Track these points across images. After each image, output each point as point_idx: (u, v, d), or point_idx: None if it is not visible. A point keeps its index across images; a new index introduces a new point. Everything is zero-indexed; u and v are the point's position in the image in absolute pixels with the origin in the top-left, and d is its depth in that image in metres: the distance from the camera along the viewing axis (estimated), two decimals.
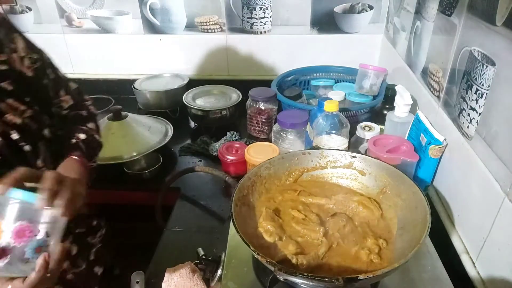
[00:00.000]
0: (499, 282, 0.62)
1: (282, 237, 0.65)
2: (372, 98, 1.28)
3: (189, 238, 0.90)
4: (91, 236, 0.85)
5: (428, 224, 0.58)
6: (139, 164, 1.17)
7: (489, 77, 0.66)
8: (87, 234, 0.84)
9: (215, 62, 1.56)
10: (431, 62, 0.95)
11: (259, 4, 1.41)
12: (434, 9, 0.93)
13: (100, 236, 0.88)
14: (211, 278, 0.70)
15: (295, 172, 0.80)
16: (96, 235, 0.86)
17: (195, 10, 1.46)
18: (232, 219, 0.61)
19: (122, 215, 1.29)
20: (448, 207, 0.82)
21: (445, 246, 0.76)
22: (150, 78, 1.54)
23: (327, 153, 0.80)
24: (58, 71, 0.79)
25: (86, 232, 0.84)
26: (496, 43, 0.64)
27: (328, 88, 1.42)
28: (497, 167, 0.62)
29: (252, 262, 0.68)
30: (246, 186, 0.72)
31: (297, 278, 0.53)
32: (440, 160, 0.86)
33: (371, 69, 1.26)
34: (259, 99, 1.22)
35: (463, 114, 0.75)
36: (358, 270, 0.60)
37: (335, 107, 0.92)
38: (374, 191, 0.76)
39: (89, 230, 0.85)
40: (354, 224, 0.69)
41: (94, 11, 1.50)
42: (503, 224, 0.61)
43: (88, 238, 0.84)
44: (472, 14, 0.73)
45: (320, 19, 1.43)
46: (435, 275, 0.65)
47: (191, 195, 1.04)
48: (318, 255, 0.62)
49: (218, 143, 1.22)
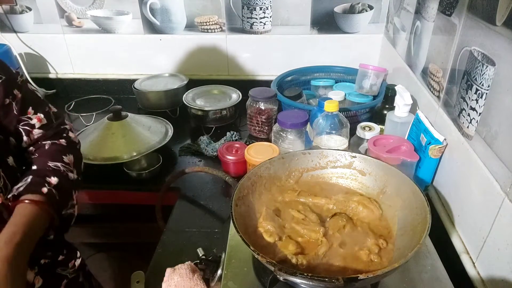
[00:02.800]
0: (499, 282, 0.62)
1: (282, 237, 0.65)
2: (372, 98, 1.28)
3: (189, 238, 0.90)
4: (62, 267, 0.76)
5: (428, 224, 0.58)
6: (139, 164, 1.17)
7: (489, 77, 0.66)
8: (56, 265, 0.75)
9: (215, 62, 1.56)
10: (431, 62, 0.95)
11: (259, 4, 1.41)
12: (434, 9, 0.93)
13: (73, 267, 0.79)
14: (211, 278, 0.70)
15: (295, 172, 0.80)
16: (68, 266, 0.78)
17: (195, 10, 1.46)
18: (232, 219, 0.61)
19: (122, 215, 1.29)
20: (448, 207, 0.82)
21: (445, 246, 0.76)
22: (150, 78, 1.54)
23: (327, 153, 0.80)
24: (30, 92, 0.75)
25: (54, 263, 0.75)
26: (496, 43, 0.64)
27: (328, 88, 1.42)
28: (497, 167, 0.62)
29: (252, 262, 0.68)
30: (246, 186, 0.72)
31: (297, 278, 0.53)
32: (440, 160, 0.86)
33: (371, 69, 1.26)
34: (259, 99, 1.22)
35: (463, 114, 0.75)
36: (358, 270, 0.60)
37: (335, 107, 0.92)
38: (374, 191, 0.76)
39: (57, 262, 0.75)
40: (354, 224, 0.69)
41: (94, 11, 1.50)
42: (503, 224, 0.61)
43: (58, 269, 0.76)
44: (472, 14, 0.73)
45: (320, 19, 1.43)
46: (435, 275, 0.65)
47: (191, 195, 1.04)
48: (318, 255, 0.62)
49: (218, 143, 1.22)
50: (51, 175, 0.70)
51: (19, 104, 0.72)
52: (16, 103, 0.71)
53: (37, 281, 0.69)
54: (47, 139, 0.76)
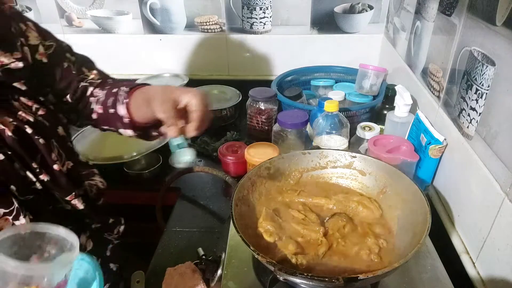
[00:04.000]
0: (499, 282, 0.62)
1: (282, 237, 0.65)
2: (372, 98, 1.28)
3: (189, 238, 0.90)
4: (108, 232, 0.84)
5: (428, 224, 0.58)
6: (139, 164, 1.17)
7: (489, 77, 0.66)
8: (104, 230, 0.83)
9: (215, 62, 1.56)
10: (431, 62, 0.95)
11: (259, 4, 1.41)
12: (434, 9, 0.93)
13: (117, 233, 0.87)
14: (211, 278, 0.70)
15: (295, 172, 0.80)
16: (113, 232, 0.86)
17: (195, 10, 1.46)
18: (232, 219, 0.61)
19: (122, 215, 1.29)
20: (448, 207, 0.82)
21: (445, 246, 0.76)
22: (150, 78, 1.54)
23: (327, 153, 0.80)
24: (78, 54, 0.81)
25: (103, 228, 0.83)
26: (496, 43, 0.64)
27: (328, 88, 1.42)
28: (497, 167, 0.62)
29: (252, 262, 0.68)
30: (246, 186, 0.72)
31: (297, 278, 0.53)
32: (440, 160, 0.86)
33: (371, 69, 1.26)
34: (259, 99, 1.22)
35: (463, 114, 0.75)
36: (358, 270, 0.60)
37: (335, 107, 0.92)
38: (374, 191, 0.76)
39: (106, 226, 0.83)
40: (354, 224, 0.69)
41: (94, 11, 1.50)
42: (503, 224, 0.61)
43: (105, 234, 0.84)
44: (472, 14, 0.73)
45: (320, 19, 1.43)
46: (435, 275, 0.65)
47: (191, 195, 1.04)
48: (318, 255, 0.62)
49: (218, 143, 1.22)
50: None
51: (74, 65, 0.77)
52: (72, 65, 0.76)
53: (88, 244, 0.76)
54: (103, 86, 0.80)
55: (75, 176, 0.72)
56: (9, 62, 0.63)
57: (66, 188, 0.68)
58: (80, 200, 0.71)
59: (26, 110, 0.64)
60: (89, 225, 0.78)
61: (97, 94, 0.77)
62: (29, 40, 0.69)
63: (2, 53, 0.62)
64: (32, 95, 0.67)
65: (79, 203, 0.71)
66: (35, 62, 0.69)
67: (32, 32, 0.70)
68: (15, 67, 0.64)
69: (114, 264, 0.84)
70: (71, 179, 0.69)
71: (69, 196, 0.69)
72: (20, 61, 0.65)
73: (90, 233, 0.77)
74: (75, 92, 0.77)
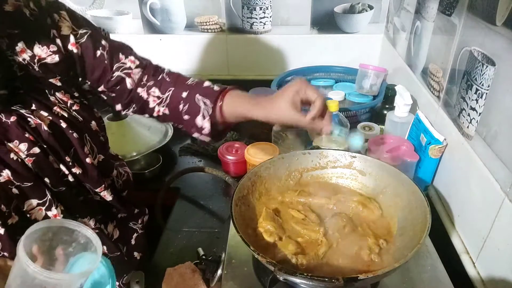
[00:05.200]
0: (499, 282, 0.62)
1: (282, 237, 0.65)
2: (372, 98, 1.28)
3: (189, 238, 0.90)
4: (134, 221, 0.86)
5: (428, 224, 0.58)
6: (139, 164, 1.17)
7: (489, 77, 0.66)
8: (129, 219, 0.85)
9: (215, 62, 1.56)
10: (431, 62, 0.95)
11: (259, 4, 1.41)
12: (434, 9, 0.93)
13: (142, 223, 0.89)
14: (211, 278, 0.70)
15: (295, 172, 0.80)
16: (138, 222, 0.87)
17: (195, 10, 1.46)
18: (232, 219, 0.61)
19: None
20: (448, 207, 0.82)
21: (445, 246, 0.76)
22: None
23: (327, 153, 0.80)
24: (114, 40, 0.81)
25: (129, 217, 0.85)
26: (496, 43, 0.64)
27: (328, 88, 1.42)
28: (497, 167, 0.62)
29: (252, 262, 0.68)
30: (246, 186, 0.72)
31: (297, 278, 0.53)
32: (440, 160, 0.86)
33: (371, 69, 1.26)
34: None
35: (463, 114, 0.75)
36: (358, 270, 0.60)
37: (335, 107, 0.92)
38: (374, 191, 0.76)
39: (131, 216, 0.86)
40: (354, 224, 0.69)
41: (94, 11, 1.50)
42: (503, 224, 0.61)
43: (131, 224, 0.85)
44: (472, 14, 0.73)
45: (320, 19, 1.43)
46: (435, 275, 0.65)
47: (191, 195, 1.04)
48: (318, 255, 0.62)
49: (218, 143, 1.22)
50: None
51: (109, 53, 0.76)
52: (106, 53, 0.76)
53: (115, 233, 0.79)
54: (150, 76, 0.82)
55: (105, 168, 0.75)
56: (46, 56, 0.65)
57: (97, 180, 0.71)
58: (109, 192, 0.74)
59: (61, 105, 0.66)
60: (115, 214, 0.81)
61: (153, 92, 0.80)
62: (62, 31, 0.69)
63: (39, 47, 0.64)
64: (66, 90, 0.68)
65: (107, 194, 0.74)
66: (68, 53, 0.70)
67: (65, 22, 0.70)
68: (51, 61, 0.65)
69: (138, 253, 0.86)
70: (101, 172, 0.72)
71: (99, 188, 0.72)
72: (55, 54, 0.66)
73: (116, 222, 0.80)
74: (108, 81, 0.77)
